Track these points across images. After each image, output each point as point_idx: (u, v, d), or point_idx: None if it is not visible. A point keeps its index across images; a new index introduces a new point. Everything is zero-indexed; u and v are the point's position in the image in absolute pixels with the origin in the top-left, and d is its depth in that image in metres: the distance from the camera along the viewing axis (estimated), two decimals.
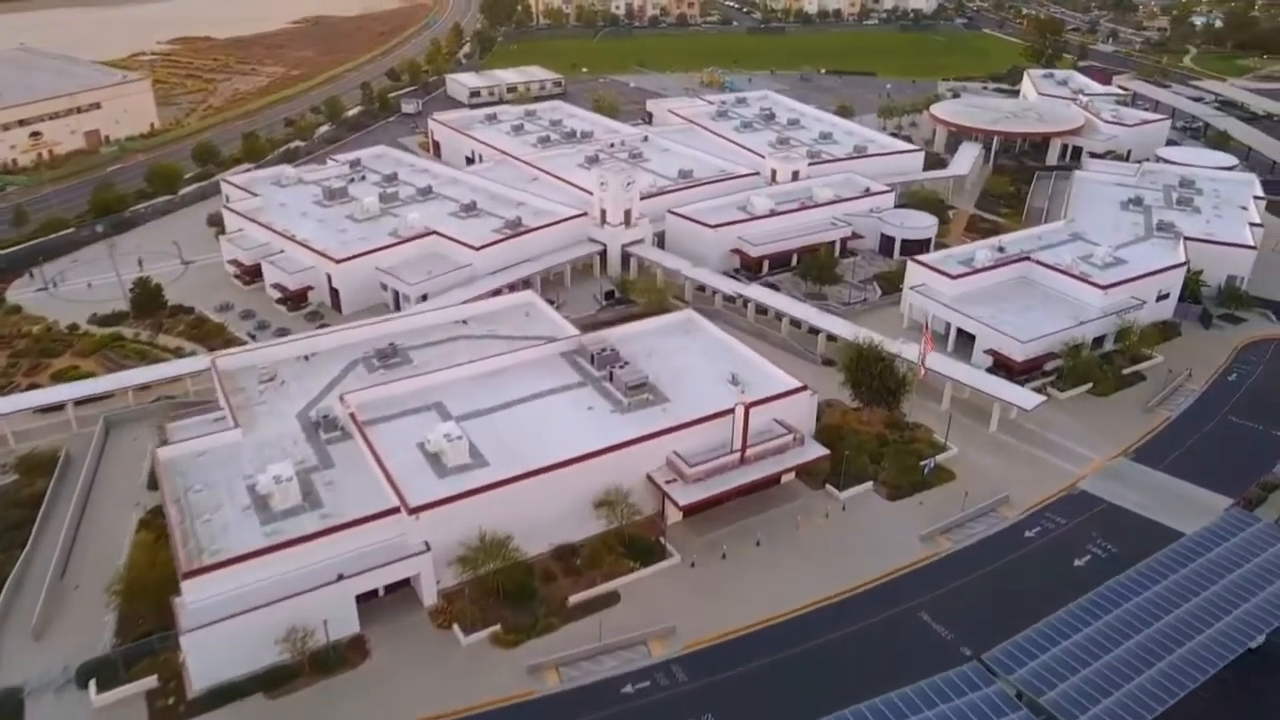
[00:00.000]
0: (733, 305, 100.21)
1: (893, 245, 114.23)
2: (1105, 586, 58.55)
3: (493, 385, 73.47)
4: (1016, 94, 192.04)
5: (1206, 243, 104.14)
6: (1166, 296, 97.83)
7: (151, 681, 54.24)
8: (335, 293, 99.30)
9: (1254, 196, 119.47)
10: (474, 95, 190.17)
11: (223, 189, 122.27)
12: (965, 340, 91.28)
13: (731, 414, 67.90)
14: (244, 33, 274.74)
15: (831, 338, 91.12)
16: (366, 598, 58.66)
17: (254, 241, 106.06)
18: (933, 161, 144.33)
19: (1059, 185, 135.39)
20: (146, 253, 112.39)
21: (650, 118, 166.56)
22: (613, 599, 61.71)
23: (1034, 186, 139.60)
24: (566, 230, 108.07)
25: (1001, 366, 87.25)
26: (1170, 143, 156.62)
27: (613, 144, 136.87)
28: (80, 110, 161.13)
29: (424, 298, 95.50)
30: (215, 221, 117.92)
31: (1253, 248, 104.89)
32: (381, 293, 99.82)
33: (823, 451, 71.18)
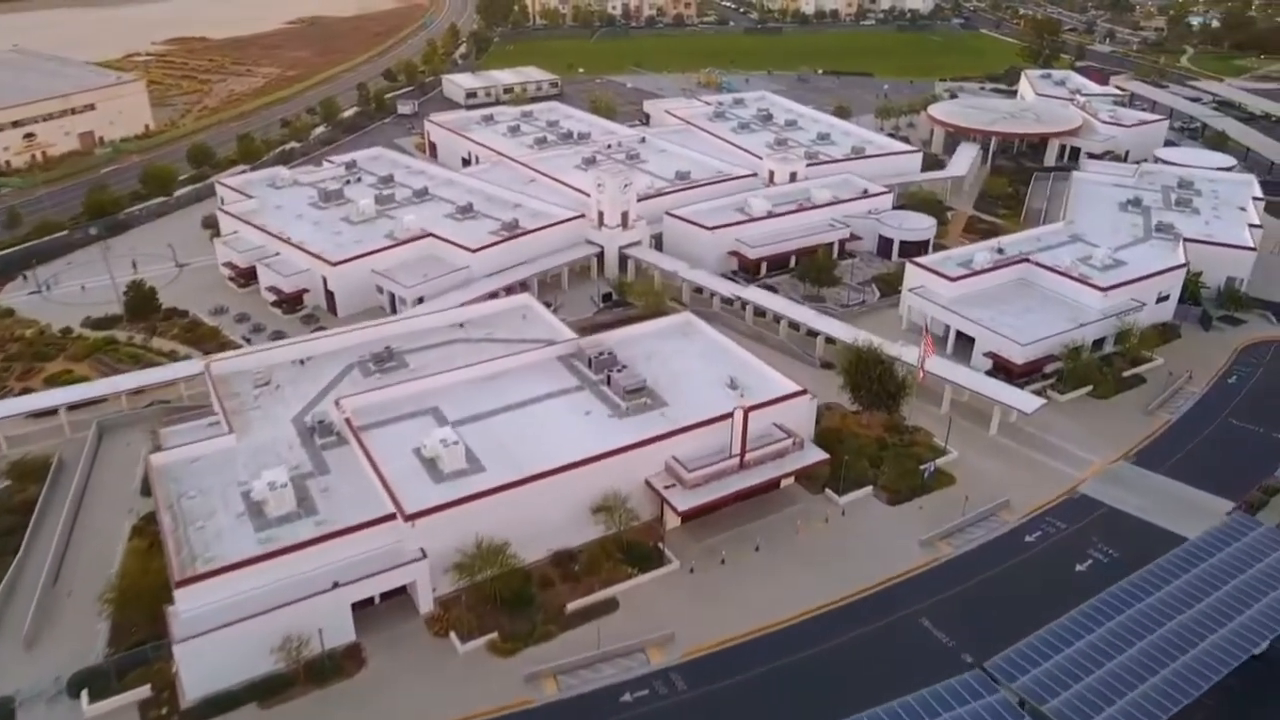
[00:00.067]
0: (731, 307, 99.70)
1: (891, 247, 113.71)
2: (1107, 593, 58.02)
3: (489, 389, 72.91)
4: (1014, 94, 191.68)
5: (1206, 244, 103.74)
6: (1166, 298, 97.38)
7: (145, 691, 53.61)
8: (331, 295, 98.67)
9: (1253, 197, 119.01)
10: (470, 96, 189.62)
11: (218, 191, 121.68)
12: (964, 343, 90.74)
13: (730, 418, 67.36)
14: (240, 33, 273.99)
15: (830, 340, 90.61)
16: (362, 605, 57.96)
17: (249, 244, 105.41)
18: (930, 162, 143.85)
19: (1057, 186, 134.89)
20: (141, 255, 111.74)
21: (647, 119, 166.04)
22: (611, 605, 61.12)
23: (1032, 187, 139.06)
24: (564, 232, 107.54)
25: (1001, 369, 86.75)
26: (1168, 143, 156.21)
27: (610, 145, 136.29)
28: (74, 111, 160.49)
29: (420, 300, 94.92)
30: (210, 224, 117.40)
31: (1252, 249, 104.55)
32: (377, 295, 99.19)
33: (822, 456, 70.65)
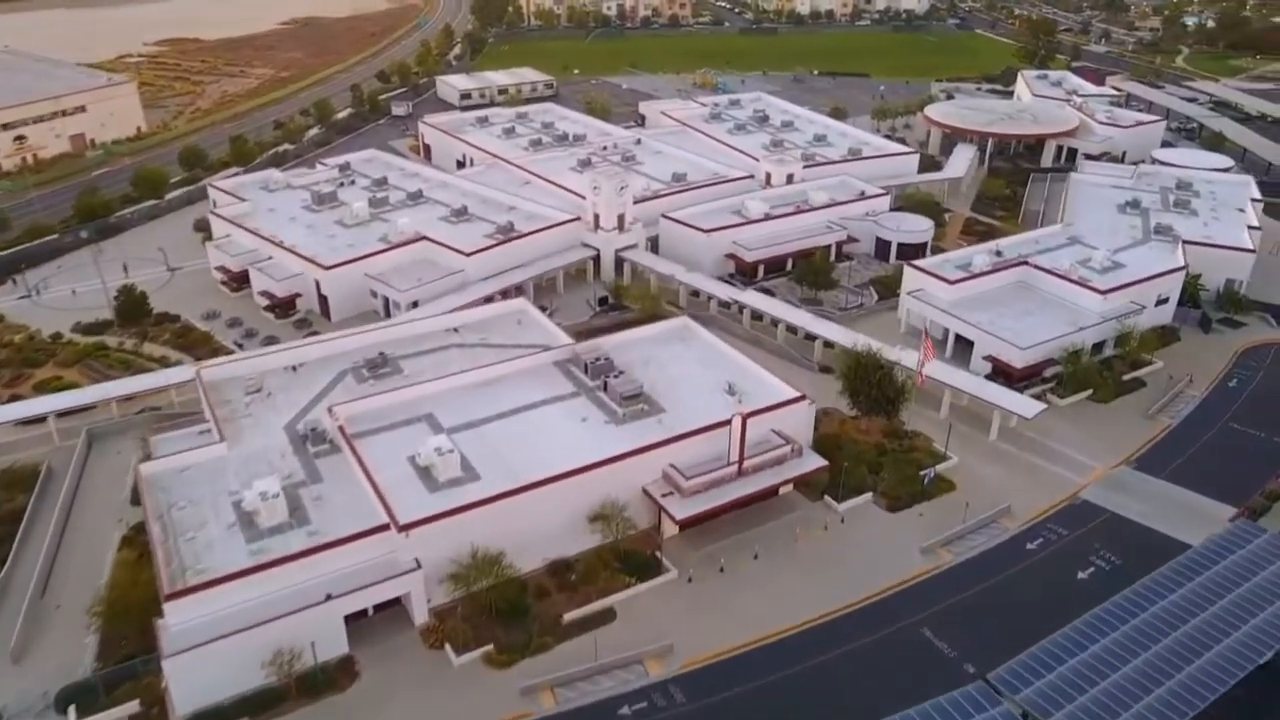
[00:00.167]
0: (728, 311, 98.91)
1: (889, 249, 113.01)
2: (1111, 602, 57.31)
3: (485, 396, 71.99)
4: (1010, 95, 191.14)
5: (1205, 246, 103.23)
6: (1166, 301, 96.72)
7: (134, 706, 52.55)
8: (324, 300, 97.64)
9: (1251, 199, 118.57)
10: (465, 97, 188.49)
11: (210, 194, 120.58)
12: (963, 346, 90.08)
13: (728, 425, 66.55)
14: (233, 34, 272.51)
15: (828, 344, 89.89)
16: (355, 617, 56.99)
17: (241, 247, 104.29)
18: (927, 164, 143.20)
19: (1055, 188, 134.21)
20: (132, 259, 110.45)
21: (643, 120, 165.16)
22: (609, 616, 60.26)
23: (1030, 189, 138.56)
24: (559, 235, 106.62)
25: (1000, 373, 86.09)
26: (1165, 144, 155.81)
27: (605, 147, 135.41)
28: (65, 113, 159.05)
29: (414, 305, 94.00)
30: (202, 227, 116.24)
31: (1251, 251, 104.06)
32: (371, 300, 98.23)
33: (821, 463, 69.83)
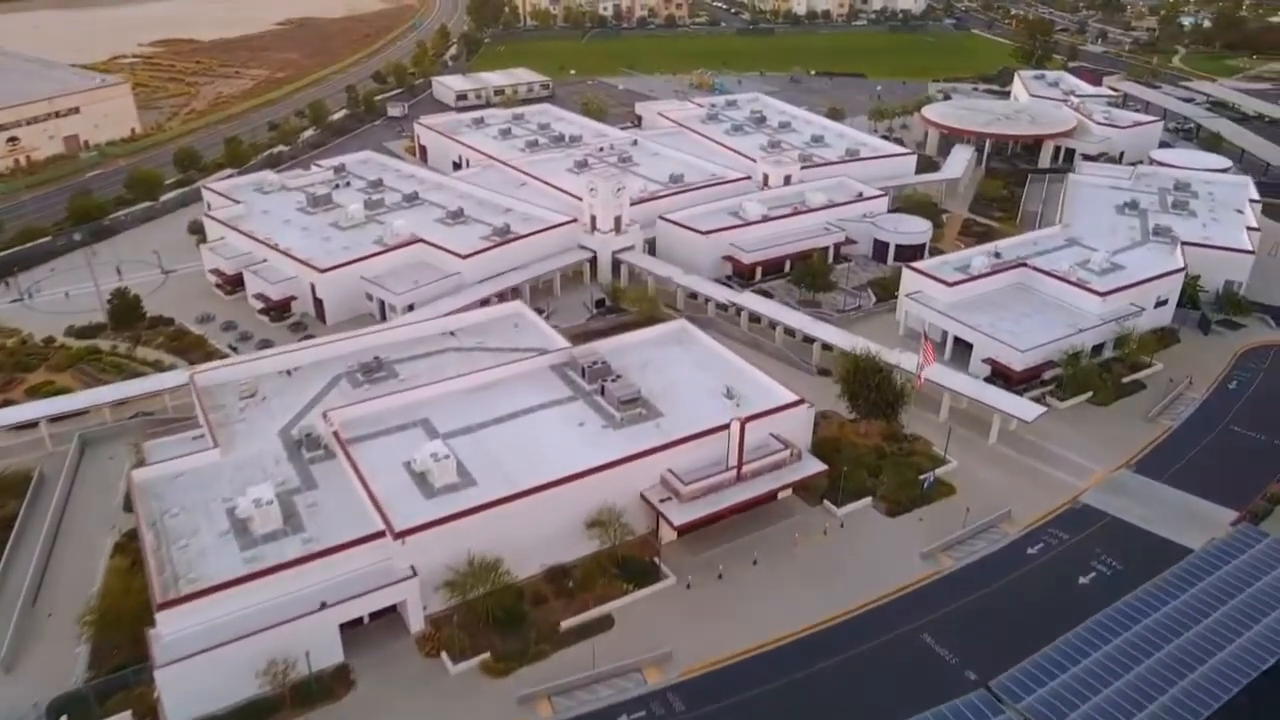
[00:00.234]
0: (726, 313, 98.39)
1: (886, 250, 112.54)
2: (1113, 608, 56.92)
3: (481, 400, 71.38)
4: (1007, 95, 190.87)
5: (1204, 247, 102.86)
6: (1165, 302, 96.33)
7: (126, 717, 51.86)
8: (319, 303, 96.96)
9: (1249, 200, 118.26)
10: (461, 98, 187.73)
11: (204, 196, 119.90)
12: (962, 349, 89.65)
13: (727, 429, 66.05)
14: (228, 34, 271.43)
15: (826, 346, 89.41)
16: (351, 625, 56.35)
17: (236, 250, 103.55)
18: (925, 165, 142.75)
19: (1052, 188, 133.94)
20: (126, 262, 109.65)
21: (639, 121, 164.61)
22: (606, 623, 59.67)
23: (1027, 190, 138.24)
24: (556, 237, 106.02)
25: (999, 375, 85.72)
26: (1162, 144, 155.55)
27: (602, 148, 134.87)
28: (59, 115, 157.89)
29: (410, 308, 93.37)
30: (196, 229, 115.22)
31: (1251, 252, 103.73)
32: (367, 303, 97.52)
33: (821, 467, 69.24)
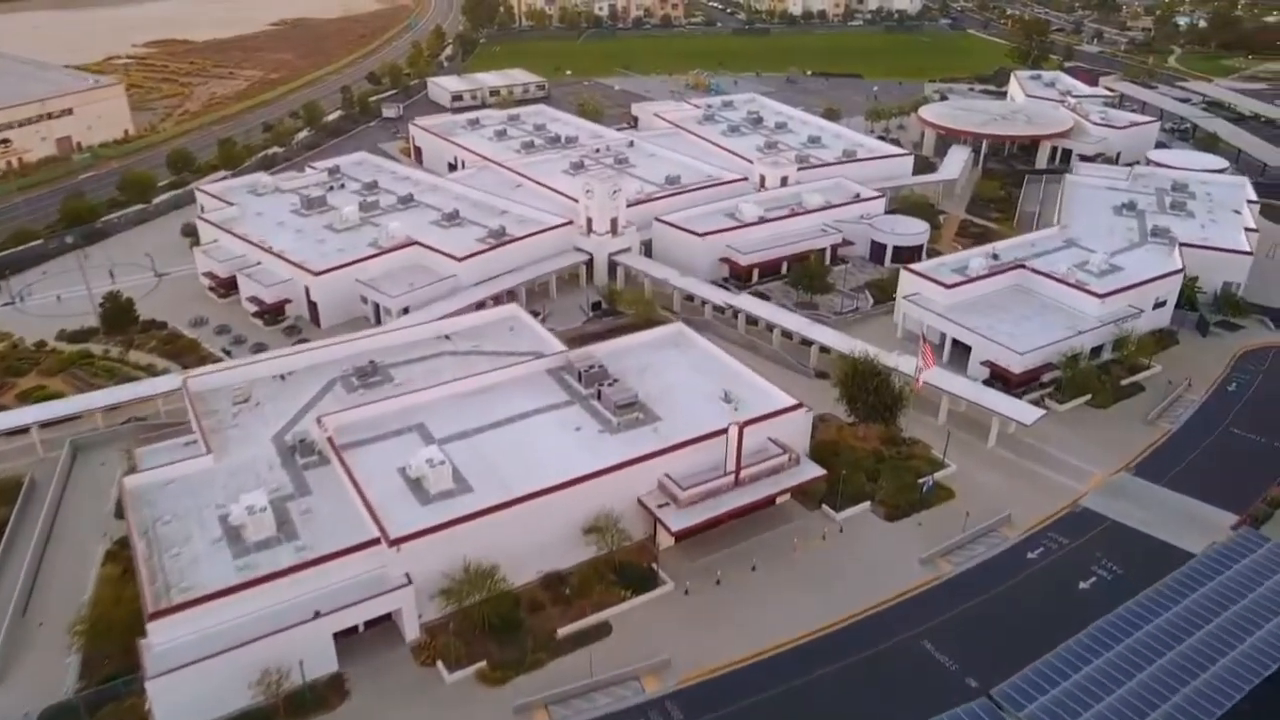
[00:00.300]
0: (723, 316, 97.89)
1: (884, 252, 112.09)
2: (1114, 614, 56.51)
3: (477, 405, 70.77)
4: (1003, 95, 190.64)
5: (1202, 249, 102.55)
6: (1163, 304, 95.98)
7: None
8: (314, 306, 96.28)
9: (1247, 200, 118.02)
10: (456, 99, 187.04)
11: (197, 198, 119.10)
12: (960, 351, 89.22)
13: (725, 434, 65.51)
14: (222, 35, 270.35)
15: (824, 349, 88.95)
16: (345, 634, 55.69)
17: (229, 253, 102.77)
18: (922, 165, 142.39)
19: (1049, 189, 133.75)
20: (118, 265, 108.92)
21: (635, 122, 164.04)
22: (604, 630, 59.12)
23: (1024, 191, 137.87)
24: (552, 239, 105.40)
25: (998, 378, 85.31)
26: (1159, 145, 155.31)
27: (598, 149, 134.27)
28: (51, 116, 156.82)
29: (405, 311, 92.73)
30: (190, 232, 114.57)
31: (1249, 253, 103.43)
32: (362, 306, 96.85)
33: (819, 472, 68.68)
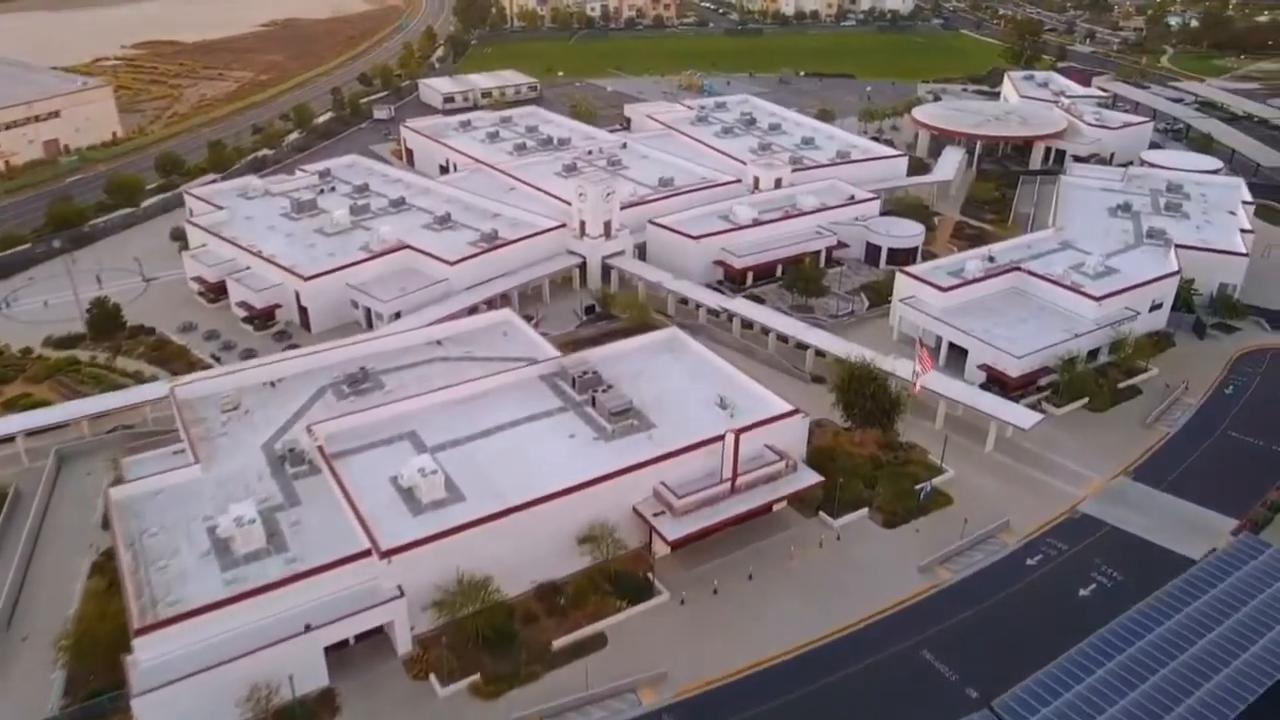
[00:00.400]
0: (717, 319, 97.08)
1: (879, 254, 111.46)
2: (1116, 624, 55.85)
3: (469, 412, 69.82)
4: (997, 96, 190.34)
5: (1198, 250, 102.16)
6: (1160, 306, 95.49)
7: None
8: (304, 311, 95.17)
9: (1242, 201, 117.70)
10: (448, 101, 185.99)
11: (186, 201, 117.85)
12: (957, 355, 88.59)
13: (721, 441, 64.73)
14: (211, 36, 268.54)
15: (820, 353, 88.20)
16: (336, 648, 54.79)
17: (219, 257, 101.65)
18: (916, 166, 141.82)
19: (1044, 190, 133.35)
20: (106, 269, 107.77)
21: (628, 123, 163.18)
22: (599, 641, 58.31)
23: (1019, 192, 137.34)
24: (544, 242, 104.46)
25: (995, 382, 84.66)
26: (1153, 145, 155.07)
27: (590, 151, 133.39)
28: (38, 118, 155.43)
29: (397, 316, 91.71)
30: (178, 236, 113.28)
31: (1245, 255, 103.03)
32: (352, 311, 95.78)
33: (816, 479, 67.87)
